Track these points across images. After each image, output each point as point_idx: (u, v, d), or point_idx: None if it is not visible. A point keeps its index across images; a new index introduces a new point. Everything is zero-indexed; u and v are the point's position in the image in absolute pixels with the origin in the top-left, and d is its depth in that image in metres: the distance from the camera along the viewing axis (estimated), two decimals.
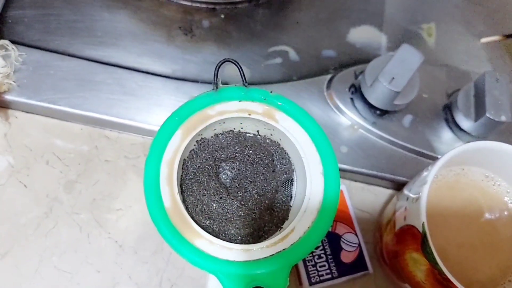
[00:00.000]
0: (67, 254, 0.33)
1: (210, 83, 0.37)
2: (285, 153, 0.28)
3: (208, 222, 0.26)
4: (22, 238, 0.33)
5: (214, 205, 0.26)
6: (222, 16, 0.39)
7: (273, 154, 0.28)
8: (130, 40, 0.38)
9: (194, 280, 0.33)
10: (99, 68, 0.36)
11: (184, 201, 0.26)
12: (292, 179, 0.28)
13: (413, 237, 0.28)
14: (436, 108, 0.38)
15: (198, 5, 0.39)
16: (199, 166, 0.27)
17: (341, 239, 0.34)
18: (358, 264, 0.33)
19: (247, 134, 0.28)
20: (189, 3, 0.40)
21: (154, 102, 0.36)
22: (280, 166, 0.28)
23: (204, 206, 0.26)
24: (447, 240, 0.29)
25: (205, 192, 0.26)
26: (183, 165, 0.27)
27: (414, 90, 0.35)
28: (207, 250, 0.24)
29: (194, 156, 0.27)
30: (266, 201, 0.26)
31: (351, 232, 0.34)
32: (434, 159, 0.37)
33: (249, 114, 0.27)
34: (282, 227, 0.26)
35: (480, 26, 0.42)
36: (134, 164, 0.35)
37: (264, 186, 0.27)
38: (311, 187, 0.26)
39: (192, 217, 0.25)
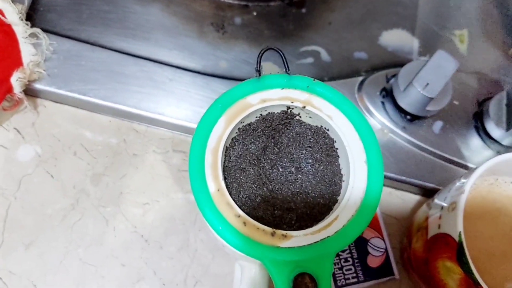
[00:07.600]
0: (93, 246, 0.33)
1: (240, 79, 0.36)
2: (328, 140, 0.28)
3: (252, 208, 0.25)
4: (48, 229, 0.33)
5: (257, 191, 0.26)
6: (255, 13, 0.39)
7: (316, 141, 0.27)
8: (162, 34, 0.37)
9: (219, 278, 0.33)
10: (130, 60, 0.36)
11: (227, 187, 0.25)
12: None
13: (447, 245, 0.27)
14: (466, 115, 0.37)
15: (230, 1, 0.39)
16: (241, 154, 0.27)
17: (368, 243, 0.34)
18: (385, 269, 0.33)
19: (289, 122, 0.28)
20: None
21: (183, 98, 0.35)
22: (322, 153, 0.27)
23: (247, 192, 0.26)
24: (478, 250, 0.29)
25: (248, 179, 0.26)
26: (225, 152, 0.26)
27: (447, 97, 0.35)
28: (252, 236, 0.24)
29: (236, 143, 0.27)
30: (309, 188, 0.26)
31: (378, 237, 0.34)
32: (463, 166, 0.37)
33: (292, 102, 0.26)
34: (328, 215, 0.26)
35: None
36: (163, 159, 0.35)
37: (307, 173, 0.26)
38: (354, 176, 0.25)
39: (236, 203, 0.25)
